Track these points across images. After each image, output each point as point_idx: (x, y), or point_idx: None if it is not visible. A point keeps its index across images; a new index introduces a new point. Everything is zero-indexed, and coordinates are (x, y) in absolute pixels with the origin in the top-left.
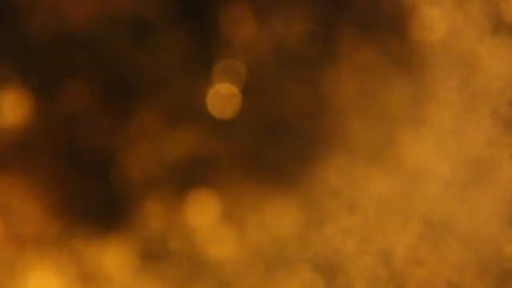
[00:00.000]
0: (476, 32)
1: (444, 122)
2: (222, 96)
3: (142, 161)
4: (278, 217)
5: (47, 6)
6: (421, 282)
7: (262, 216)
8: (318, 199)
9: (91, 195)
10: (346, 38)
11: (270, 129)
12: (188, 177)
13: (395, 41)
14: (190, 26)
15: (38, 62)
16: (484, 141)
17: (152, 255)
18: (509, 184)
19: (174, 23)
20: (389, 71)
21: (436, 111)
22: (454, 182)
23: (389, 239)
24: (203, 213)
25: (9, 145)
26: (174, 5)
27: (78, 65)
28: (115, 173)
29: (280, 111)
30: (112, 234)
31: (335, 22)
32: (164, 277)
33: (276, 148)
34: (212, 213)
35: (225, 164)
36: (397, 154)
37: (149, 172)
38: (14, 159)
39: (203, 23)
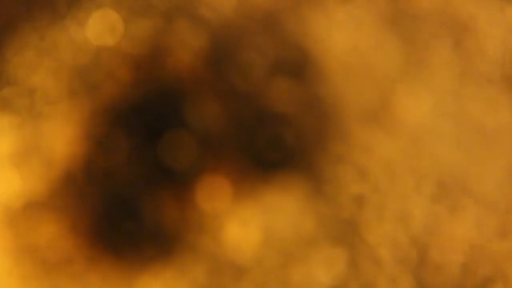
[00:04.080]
0: None
1: (441, 82)
2: None
3: None
4: (287, 193)
5: None
6: (442, 245)
7: (271, 195)
8: (324, 169)
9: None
10: None
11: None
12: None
13: None
14: None
15: None
16: (484, 101)
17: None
18: None
19: None
20: (377, 28)
21: (431, 72)
22: (460, 143)
23: (405, 204)
24: (214, 200)
25: None
26: None
27: None
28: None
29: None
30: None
31: None
32: (186, 272)
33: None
34: (223, 198)
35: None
36: (397, 116)
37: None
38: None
39: None
